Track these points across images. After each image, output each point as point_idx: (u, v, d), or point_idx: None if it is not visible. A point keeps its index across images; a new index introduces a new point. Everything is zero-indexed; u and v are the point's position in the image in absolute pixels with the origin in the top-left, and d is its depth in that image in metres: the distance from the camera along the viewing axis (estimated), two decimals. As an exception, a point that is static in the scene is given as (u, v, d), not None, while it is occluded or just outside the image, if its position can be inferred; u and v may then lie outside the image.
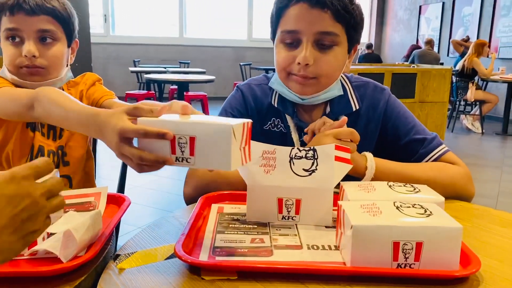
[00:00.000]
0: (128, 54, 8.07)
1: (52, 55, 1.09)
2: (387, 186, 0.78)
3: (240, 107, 1.08)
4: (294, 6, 0.95)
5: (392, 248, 0.61)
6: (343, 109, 1.05)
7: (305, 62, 0.94)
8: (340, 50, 0.97)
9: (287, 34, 0.96)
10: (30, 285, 0.59)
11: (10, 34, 1.06)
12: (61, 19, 1.10)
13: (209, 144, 0.65)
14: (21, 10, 1.04)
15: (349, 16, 0.94)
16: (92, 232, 0.68)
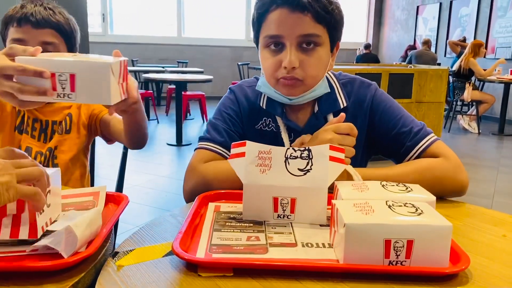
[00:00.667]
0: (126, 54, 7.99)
1: None
2: (380, 185, 0.79)
3: (234, 106, 1.12)
4: (274, 11, 0.96)
5: (384, 246, 0.63)
6: (331, 107, 1.07)
7: (291, 66, 0.96)
8: (323, 50, 0.99)
9: (270, 39, 0.99)
10: (31, 280, 0.61)
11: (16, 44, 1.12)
12: (64, 33, 1.17)
13: (89, 80, 0.71)
14: (28, 23, 1.11)
15: (329, 17, 0.97)
16: (92, 229, 0.69)
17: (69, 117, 1.27)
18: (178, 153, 4.65)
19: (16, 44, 0.76)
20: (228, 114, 1.10)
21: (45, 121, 1.25)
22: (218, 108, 1.13)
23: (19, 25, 1.12)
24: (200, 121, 6.31)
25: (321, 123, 1.03)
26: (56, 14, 1.16)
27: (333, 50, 1.05)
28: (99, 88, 0.72)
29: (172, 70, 6.27)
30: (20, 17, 1.11)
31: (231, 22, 8.93)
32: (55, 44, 1.15)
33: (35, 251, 0.66)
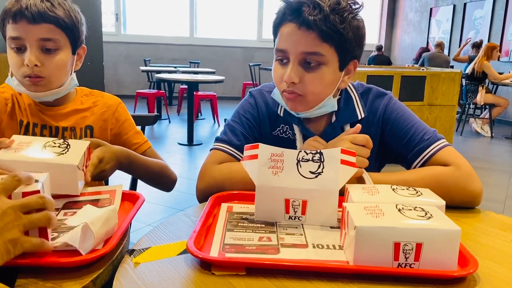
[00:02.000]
0: (139, 53, 8.15)
1: (54, 64, 1.08)
2: (390, 189, 0.81)
3: (252, 111, 1.13)
4: (285, 25, 0.98)
5: (393, 249, 0.64)
6: (349, 118, 1.08)
7: (289, 81, 0.97)
8: (327, 69, 0.98)
9: (278, 52, 1.00)
10: (52, 276, 0.63)
11: (14, 43, 1.06)
12: (64, 27, 1.07)
13: (59, 178, 0.84)
14: (23, 18, 1.03)
15: (338, 36, 0.95)
16: (108, 227, 0.72)
17: (90, 130, 1.19)
18: (189, 152, 4.69)
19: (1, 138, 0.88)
20: (246, 118, 1.12)
21: (54, 128, 1.16)
22: (237, 111, 1.15)
23: (15, 21, 1.03)
24: (211, 121, 6.35)
25: (337, 133, 1.04)
26: (55, 7, 1.06)
27: (345, 68, 1.02)
28: (68, 184, 0.87)
29: (184, 70, 6.31)
30: (15, 12, 1.02)
31: (243, 22, 8.97)
32: (55, 40, 1.06)
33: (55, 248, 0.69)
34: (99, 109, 1.22)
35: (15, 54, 1.07)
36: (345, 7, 0.95)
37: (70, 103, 1.20)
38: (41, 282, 0.62)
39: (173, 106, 7.49)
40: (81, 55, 1.19)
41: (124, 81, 8.19)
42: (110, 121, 1.22)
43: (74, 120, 1.18)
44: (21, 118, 1.16)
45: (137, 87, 7.47)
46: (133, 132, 1.25)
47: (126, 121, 1.24)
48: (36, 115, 1.16)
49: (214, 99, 6.08)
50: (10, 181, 0.66)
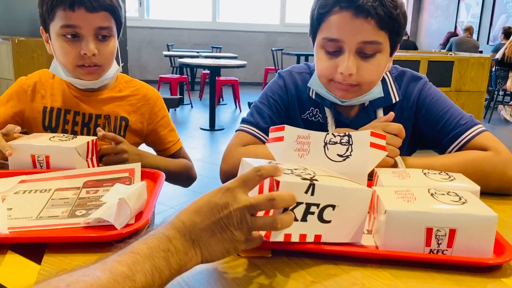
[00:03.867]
0: (162, 38, 8.17)
1: (109, 52, 1.08)
2: (421, 173, 0.78)
3: (281, 92, 1.10)
4: (337, 13, 0.92)
5: (425, 234, 0.62)
6: (382, 102, 1.04)
7: (348, 73, 0.92)
8: (382, 56, 0.95)
9: (329, 42, 0.94)
10: (78, 253, 0.64)
11: (69, 31, 1.03)
12: (116, 14, 1.07)
13: (60, 159, 0.93)
14: (82, 6, 1.00)
15: (393, 23, 0.91)
16: (140, 202, 0.73)
17: (125, 122, 1.16)
18: (211, 137, 4.70)
19: (10, 125, 0.97)
20: (274, 101, 1.09)
21: (88, 114, 1.14)
22: (265, 92, 1.12)
23: (72, 8, 1.00)
24: (233, 106, 6.34)
25: (370, 118, 1.02)
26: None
27: (393, 54, 1.00)
28: (68, 165, 0.92)
29: (206, 55, 6.30)
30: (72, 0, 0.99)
31: (265, 7, 8.86)
32: (110, 28, 1.06)
33: (87, 224, 0.70)
34: (137, 101, 1.19)
35: (66, 43, 1.04)
36: None
37: (108, 90, 1.18)
38: (68, 260, 0.62)
39: (195, 91, 7.51)
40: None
41: (147, 66, 8.24)
42: (148, 115, 1.19)
43: (110, 108, 1.16)
44: (44, 105, 1.15)
45: (160, 72, 7.51)
46: (168, 130, 1.23)
47: (164, 117, 1.23)
48: (69, 101, 1.15)
49: (236, 84, 6.06)
50: (253, 175, 0.58)
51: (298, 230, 0.63)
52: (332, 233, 0.64)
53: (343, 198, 0.64)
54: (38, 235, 0.66)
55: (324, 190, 0.62)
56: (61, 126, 1.15)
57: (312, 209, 0.63)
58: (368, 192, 0.65)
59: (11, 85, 1.18)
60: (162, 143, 1.22)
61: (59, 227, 0.70)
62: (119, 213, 0.69)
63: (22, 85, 1.17)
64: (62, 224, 0.71)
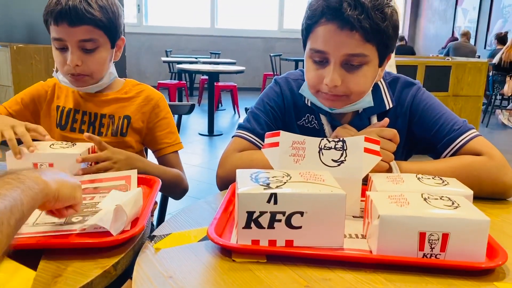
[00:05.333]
0: (160, 44, 8.19)
1: (95, 62, 1.12)
2: (415, 178, 0.79)
3: (277, 99, 1.11)
4: (323, 25, 0.92)
5: (418, 238, 0.63)
6: (376, 108, 1.04)
7: (332, 84, 0.93)
8: (369, 68, 0.95)
9: (315, 52, 0.95)
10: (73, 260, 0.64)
11: (56, 44, 1.10)
12: (102, 26, 1.10)
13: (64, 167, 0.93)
14: (64, 21, 1.06)
15: (380, 35, 0.91)
16: (136, 209, 0.73)
17: (127, 120, 1.20)
18: (209, 143, 4.70)
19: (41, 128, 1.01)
20: (271, 107, 1.10)
21: (94, 114, 1.20)
22: (261, 98, 1.13)
23: (56, 23, 1.07)
24: (232, 112, 6.35)
25: (364, 124, 1.02)
26: (92, 6, 1.07)
27: (382, 64, 0.99)
28: (71, 172, 0.89)
29: (205, 61, 6.32)
30: (56, 14, 1.06)
31: (264, 13, 8.90)
32: (94, 40, 1.10)
33: (83, 230, 0.70)
34: (140, 101, 1.22)
35: (58, 53, 1.12)
36: (383, 2, 0.90)
37: (114, 92, 1.23)
38: (63, 266, 0.62)
39: (193, 97, 7.52)
40: (120, 46, 1.21)
41: (145, 72, 8.25)
42: (149, 114, 1.22)
43: (114, 108, 1.20)
44: (58, 104, 1.22)
45: (158, 78, 7.52)
46: (167, 131, 1.24)
47: (164, 118, 1.24)
48: (78, 102, 1.21)
49: (235, 90, 6.07)
50: None
51: (266, 236, 0.65)
52: (304, 238, 0.66)
53: (312, 204, 0.65)
54: (34, 242, 0.67)
55: (288, 198, 0.65)
56: (70, 125, 1.21)
57: (278, 217, 0.65)
58: (341, 197, 0.66)
59: (32, 86, 1.26)
60: (156, 143, 1.23)
61: (56, 233, 0.70)
62: (116, 219, 0.69)
63: (43, 86, 1.25)
64: (59, 230, 0.71)
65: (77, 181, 0.69)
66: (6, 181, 0.54)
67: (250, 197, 0.65)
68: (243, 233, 0.66)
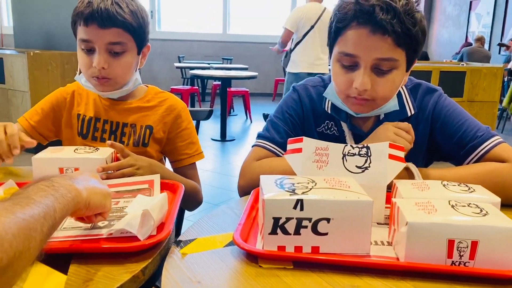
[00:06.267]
0: (173, 50, 8.26)
1: (121, 66, 1.11)
2: (441, 185, 0.78)
3: (296, 106, 1.11)
4: (354, 29, 0.91)
5: (447, 246, 0.62)
6: (398, 115, 1.04)
7: (362, 88, 0.92)
8: (398, 72, 0.95)
9: (345, 56, 0.94)
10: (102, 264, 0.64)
11: (83, 45, 1.10)
12: (131, 30, 1.10)
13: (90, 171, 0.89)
14: (94, 22, 1.05)
15: (410, 40, 0.91)
16: (162, 214, 0.74)
17: (150, 130, 1.19)
18: (222, 148, 4.72)
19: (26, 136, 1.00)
20: (290, 115, 1.10)
21: (115, 123, 1.19)
22: (280, 106, 1.13)
23: (86, 25, 1.06)
24: (244, 117, 6.36)
25: None
26: (124, 11, 1.07)
27: (409, 69, 1.00)
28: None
29: (217, 67, 6.35)
30: (86, 15, 1.05)
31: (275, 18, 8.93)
32: (123, 43, 1.09)
33: (110, 235, 0.71)
34: (162, 111, 1.21)
35: (85, 55, 1.11)
36: (413, 7, 0.90)
37: (136, 100, 1.22)
38: (93, 270, 0.63)
39: (205, 102, 7.56)
40: (146, 53, 1.21)
41: (158, 78, 8.32)
42: (170, 124, 1.21)
43: (136, 117, 1.20)
44: (78, 112, 1.21)
45: (171, 83, 7.58)
46: (188, 142, 1.23)
47: (186, 129, 1.23)
48: (99, 110, 1.20)
49: (247, 95, 6.09)
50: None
51: (292, 243, 0.66)
52: (331, 245, 0.66)
53: (338, 210, 0.65)
54: (63, 246, 0.68)
55: (315, 204, 0.65)
56: (91, 133, 1.20)
57: (304, 223, 0.65)
58: (368, 203, 0.65)
59: (51, 93, 1.25)
60: (176, 153, 1.22)
61: (83, 238, 0.71)
62: (142, 224, 0.70)
63: (62, 93, 1.25)
64: (86, 235, 0.72)
65: (107, 188, 0.70)
66: (40, 187, 0.55)
67: (276, 203, 0.65)
68: (269, 239, 0.66)
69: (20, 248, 0.45)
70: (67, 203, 0.56)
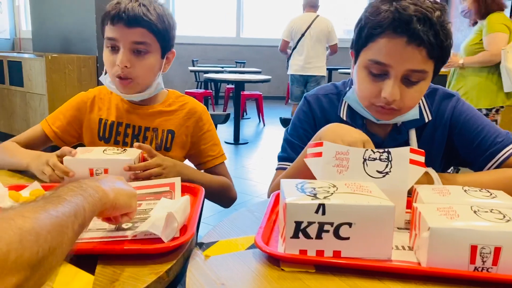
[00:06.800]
0: (187, 54, 8.31)
1: (143, 66, 1.13)
2: (462, 190, 0.78)
3: (307, 119, 1.11)
4: (389, 37, 0.89)
5: (470, 252, 0.62)
6: (415, 122, 1.03)
7: (392, 99, 0.91)
8: (425, 83, 0.94)
9: (375, 64, 0.92)
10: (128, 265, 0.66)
11: (109, 43, 1.12)
12: (156, 32, 1.12)
13: (118, 172, 0.98)
14: (121, 21, 1.08)
15: (442, 53, 0.90)
16: (185, 216, 0.75)
17: (172, 134, 1.21)
18: (235, 151, 4.73)
19: (65, 147, 1.02)
20: (304, 130, 1.10)
21: (138, 127, 1.21)
22: (293, 123, 1.13)
23: (113, 23, 1.09)
24: (256, 120, 6.38)
25: (403, 137, 1.02)
26: (150, 12, 1.10)
27: (434, 78, 0.98)
28: (125, 177, 0.88)
29: (231, 70, 6.38)
30: (114, 14, 1.08)
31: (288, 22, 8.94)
32: (147, 44, 1.11)
33: (134, 237, 0.72)
34: (183, 115, 1.23)
35: (110, 53, 1.13)
36: (446, 18, 0.90)
37: (158, 104, 1.24)
38: (119, 271, 0.64)
39: (219, 106, 7.59)
40: (170, 59, 1.22)
41: (173, 81, 8.38)
42: (192, 128, 1.23)
43: (158, 121, 1.22)
44: (100, 117, 1.23)
45: (185, 87, 7.63)
46: (211, 144, 1.25)
47: (208, 131, 1.25)
48: (121, 114, 1.22)
49: (260, 99, 6.10)
50: None
51: (314, 247, 0.66)
52: (352, 249, 0.66)
53: (360, 215, 0.65)
54: (90, 247, 0.69)
55: (337, 209, 0.65)
56: (114, 137, 1.22)
57: (326, 228, 0.66)
58: (390, 208, 0.66)
59: (72, 97, 1.28)
60: (201, 156, 1.24)
61: (108, 239, 0.73)
62: (166, 226, 0.71)
63: (83, 97, 1.26)
64: (111, 236, 0.73)
65: (132, 189, 0.71)
66: (70, 188, 0.56)
67: (298, 207, 0.66)
68: (291, 242, 0.67)
69: (54, 243, 0.46)
70: (95, 202, 0.58)
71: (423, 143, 1.04)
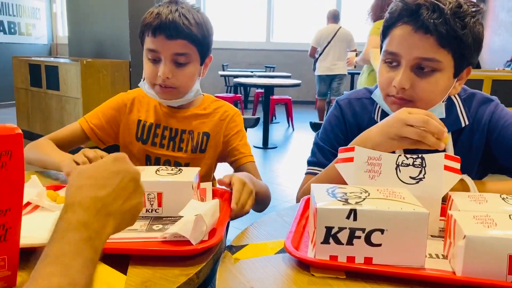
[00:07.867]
0: (217, 58, 8.36)
1: (184, 76, 1.15)
2: (500, 198, 0.75)
3: (338, 123, 1.10)
4: (399, 27, 0.93)
5: (508, 262, 0.60)
6: (452, 126, 1.01)
7: (400, 87, 0.92)
8: (442, 75, 0.93)
9: (388, 54, 0.95)
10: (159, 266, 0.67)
11: (150, 55, 1.14)
12: (196, 42, 1.13)
13: (173, 196, 0.83)
14: (162, 33, 1.09)
15: (457, 42, 0.89)
16: (214, 219, 0.76)
17: (207, 137, 1.23)
18: (264, 155, 4.74)
19: (87, 149, 1.00)
20: (334, 134, 1.09)
21: (174, 130, 1.23)
22: (324, 127, 1.13)
23: (154, 35, 1.11)
24: (286, 125, 6.37)
25: None
26: (190, 22, 1.11)
27: (459, 75, 0.96)
28: (182, 201, 0.79)
29: (260, 75, 6.41)
30: (155, 27, 1.10)
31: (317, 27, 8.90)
32: (187, 55, 1.13)
33: (164, 238, 0.73)
34: (217, 117, 1.26)
35: (151, 64, 1.15)
36: (467, 11, 0.89)
37: (194, 107, 1.26)
38: (151, 272, 0.65)
39: (248, 110, 7.62)
40: (207, 64, 1.25)
41: (203, 85, 8.32)
42: (224, 128, 1.25)
43: (194, 124, 1.24)
44: (139, 118, 1.26)
45: (215, 91, 7.71)
46: (242, 143, 1.26)
47: (239, 131, 1.26)
48: (159, 117, 1.24)
49: (289, 103, 6.10)
50: None
51: (344, 253, 0.65)
52: (384, 256, 0.65)
53: (393, 222, 0.64)
54: (122, 247, 0.70)
55: (369, 215, 0.64)
56: (151, 139, 1.24)
57: (357, 234, 0.65)
58: (424, 215, 0.64)
59: (112, 98, 1.30)
60: (233, 153, 1.24)
61: (139, 240, 0.74)
62: (195, 229, 0.72)
63: (123, 98, 1.29)
64: (142, 237, 0.75)
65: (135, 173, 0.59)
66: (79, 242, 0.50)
67: (329, 212, 0.65)
68: (321, 248, 0.66)
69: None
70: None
71: (460, 148, 1.01)
